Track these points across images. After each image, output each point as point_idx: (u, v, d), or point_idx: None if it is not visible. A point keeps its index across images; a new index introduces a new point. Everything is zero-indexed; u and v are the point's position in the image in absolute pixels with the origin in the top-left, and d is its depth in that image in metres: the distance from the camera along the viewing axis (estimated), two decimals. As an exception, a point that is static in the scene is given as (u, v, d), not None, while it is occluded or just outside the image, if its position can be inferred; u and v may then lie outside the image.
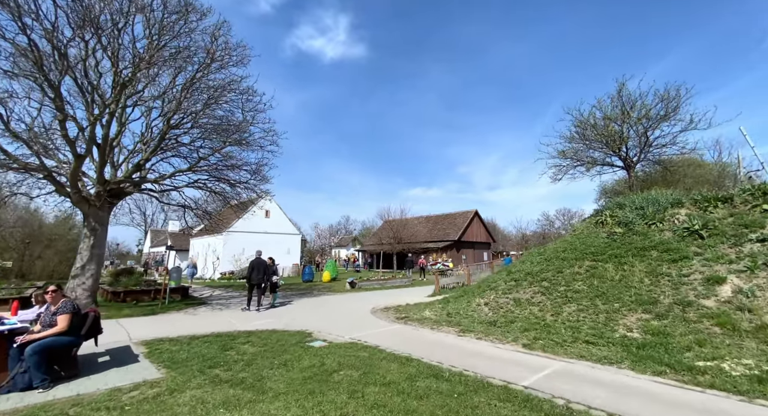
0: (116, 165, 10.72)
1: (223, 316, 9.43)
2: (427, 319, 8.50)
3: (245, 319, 8.91)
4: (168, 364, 5.17)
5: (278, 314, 9.70)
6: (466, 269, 13.93)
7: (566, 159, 12.45)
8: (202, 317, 9.38)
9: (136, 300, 12.16)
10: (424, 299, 12.28)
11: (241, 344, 6.34)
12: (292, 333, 7.11)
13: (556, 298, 7.84)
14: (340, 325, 8.09)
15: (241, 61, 11.43)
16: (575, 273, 8.39)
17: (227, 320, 8.84)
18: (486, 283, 10.30)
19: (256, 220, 27.83)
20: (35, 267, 23.55)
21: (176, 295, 13.27)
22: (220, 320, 8.86)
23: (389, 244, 31.32)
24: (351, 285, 16.51)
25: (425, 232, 34.37)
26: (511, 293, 8.76)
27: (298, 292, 15.81)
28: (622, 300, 6.89)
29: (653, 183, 11.77)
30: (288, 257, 29.22)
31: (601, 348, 5.64)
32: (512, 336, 6.60)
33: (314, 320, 8.77)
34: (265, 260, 10.38)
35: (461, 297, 10.22)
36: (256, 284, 9.95)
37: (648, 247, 7.95)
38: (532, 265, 9.74)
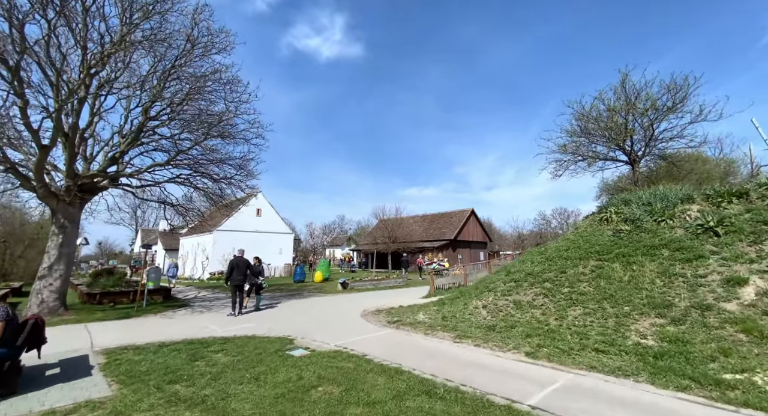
0: (89, 158, 10.00)
1: (202, 320, 8.76)
2: (420, 323, 7.89)
3: (225, 324, 8.25)
4: (123, 379, 4.51)
5: (261, 317, 9.04)
6: (463, 269, 13.37)
7: (567, 154, 11.93)
8: (180, 321, 8.70)
9: (114, 303, 11.44)
10: (418, 300, 11.68)
11: (213, 352, 5.69)
12: (272, 340, 6.47)
13: (560, 300, 7.27)
14: (326, 330, 7.47)
15: (224, 48, 10.75)
16: (580, 274, 7.83)
17: (205, 324, 8.17)
18: (484, 284, 9.72)
19: (246, 218, 27.12)
20: (17, 267, 22.66)
21: (157, 297, 12.57)
22: (197, 324, 8.19)
23: (384, 243, 30.71)
24: (343, 286, 15.87)
25: (421, 231, 33.80)
26: (511, 295, 8.18)
27: (287, 293, 15.15)
28: (633, 303, 6.33)
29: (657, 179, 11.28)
30: (280, 257, 28.50)
31: (613, 358, 5.07)
32: (513, 343, 6.02)
33: (299, 324, 8.13)
34: (246, 259, 9.71)
35: (457, 299, 9.64)
36: (237, 286, 9.29)
37: (658, 245, 7.41)
38: (533, 265, 9.17)
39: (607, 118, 10.27)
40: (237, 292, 9.31)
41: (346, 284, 16.00)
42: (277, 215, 29.24)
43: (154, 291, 12.46)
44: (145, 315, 9.53)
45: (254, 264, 10.81)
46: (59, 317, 8.57)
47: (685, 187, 8.80)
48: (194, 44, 9.97)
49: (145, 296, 10.63)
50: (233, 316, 9.12)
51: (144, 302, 10.57)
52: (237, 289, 9.30)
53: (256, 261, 10.79)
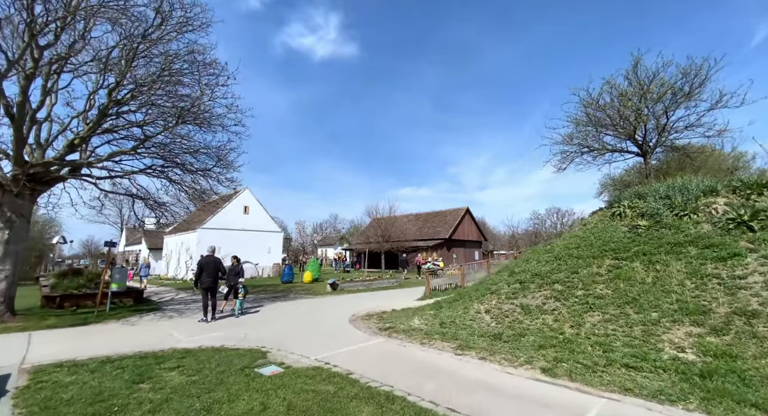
0: (44, 144, 8.86)
1: (169, 327, 7.72)
2: (416, 330, 6.97)
3: (193, 331, 7.22)
4: (35, 411, 3.51)
5: (237, 324, 8.03)
6: (460, 269, 12.51)
7: (573, 145, 11.14)
8: (142, 328, 7.65)
9: (76, 306, 10.30)
10: (412, 303, 10.77)
11: (166, 370, 4.69)
12: (242, 353, 5.48)
13: (574, 305, 6.41)
14: (308, 339, 6.50)
15: (201, 26, 9.69)
16: (594, 274, 6.98)
17: (170, 332, 7.14)
18: (485, 285, 8.84)
19: (233, 216, 25.95)
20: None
21: (127, 300, 11.45)
22: (161, 332, 7.15)
23: (377, 242, 29.75)
24: (332, 287, 14.89)
25: (415, 230, 32.92)
26: (517, 298, 7.31)
27: (272, 295, 14.11)
28: (661, 309, 5.49)
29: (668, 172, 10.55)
30: (269, 257, 27.36)
31: (649, 376, 4.20)
32: (525, 356, 5.13)
33: (278, 332, 7.15)
34: (217, 258, 8.69)
35: (456, 302, 8.75)
36: (208, 289, 8.26)
37: (683, 242, 6.60)
38: (540, 264, 8.32)
39: (619, 103, 9.46)
40: (208, 295, 8.29)
41: (335, 285, 15.02)
42: (265, 212, 28.08)
43: (121, 294, 11.33)
44: (106, 320, 8.45)
45: (232, 264, 9.79)
46: (2, 323, 7.46)
47: (706, 178, 8.02)
48: (164, 18, 8.91)
49: (109, 299, 9.53)
50: (205, 322, 8.10)
51: (107, 306, 9.47)
52: (207, 292, 8.27)
53: (234, 261, 9.77)
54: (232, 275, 9.53)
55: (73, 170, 9.41)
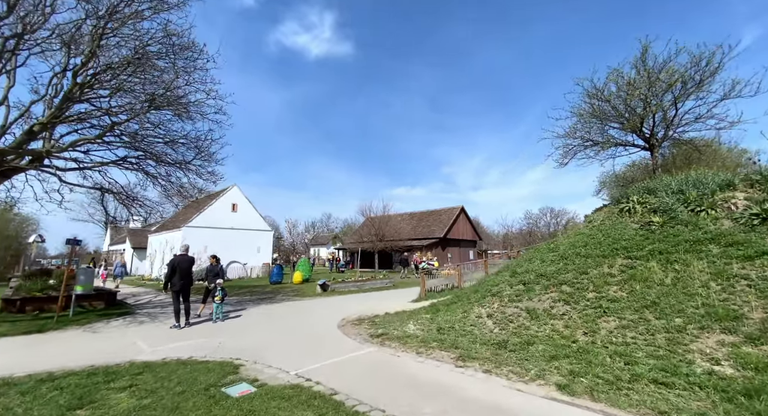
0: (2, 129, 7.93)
1: (135, 334, 6.92)
2: (411, 337, 6.30)
3: (161, 340, 6.44)
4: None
5: (213, 330, 7.26)
6: (457, 269, 11.89)
7: (575, 138, 10.59)
8: (104, 335, 6.84)
9: (39, 310, 9.41)
10: (407, 305, 10.11)
11: (115, 391, 3.94)
12: (211, 366, 4.74)
13: (586, 309, 5.81)
14: (290, 349, 5.79)
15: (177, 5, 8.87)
16: (606, 275, 6.40)
17: (135, 341, 6.35)
18: (485, 287, 8.21)
19: (220, 214, 25.01)
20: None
21: (98, 303, 10.56)
22: (124, 341, 6.35)
23: (370, 242, 29.04)
24: (322, 288, 14.15)
25: (409, 229, 32.31)
26: (522, 301, 6.69)
27: (258, 297, 13.32)
28: (686, 314, 4.91)
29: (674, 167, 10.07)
30: (258, 256, 26.46)
31: (683, 395, 3.59)
32: (536, 368, 4.49)
33: (258, 340, 6.41)
34: (191, 257, 7.92)
35: (454, 305, 8.11)
36: (179, 292, 7.48)
37: (703, 240, 6.04)
38: (544, 264, 7.72)
39: (626, 93, 8.90)
40: (180, 299, 7.51)
41: (326, 286, 14.28)
42: (255, 210, 27.16)
43: (92, 297, 10.45)
44: (67, 327, 7.60)
45: (211, 264, 9.01)
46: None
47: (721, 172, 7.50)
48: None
49: (73, 302, 8.66)
50: (177, 329, 7.32)
51: (71, 311, 8.60)
52: (179, 295, 7.49)
53: (213, 260, 8.98)
54: (211, 276, 8.76)
55: (34, 161, 8.52)
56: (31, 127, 8.01)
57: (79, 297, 10.18)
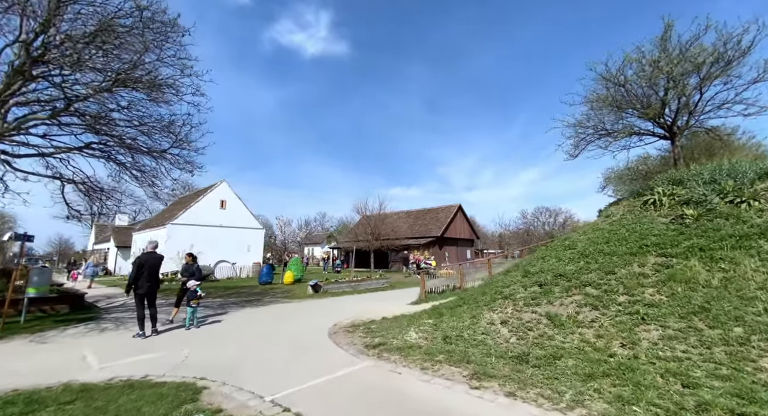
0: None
1: (87, 346, 5.90)
2: (413, 347, 5.39)
3: (115, 353, 5.44)
4: None
5: (183, 340, 6.28)
6: (459, 269, 11.02)
7: (588, 128, 9.78)
8: (51, 347, 5.81)
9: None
10: (406, 308, 9.21)
11: (29, 430, 2.96)
12: (164, 391, 3.77)
13: (619, 315, 4.96)
14: (270, 364, 4.84)
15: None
16: (638, 275, 5.56)
17: (83, 355, 5.34)
18: (494, 288, 7.34)
19: (208, 211, 23.89)
20: None
21: (61, 306, 9.48)
22: (70, 355, 5.34)
23: (366, 241, 28.08)
24: (314, 289, 13.19)
25: (405, 228, 31.43)
26: (540, 305, 5.82)
27: (244, 299, 12.31)
28: (745, 322, 4.08)
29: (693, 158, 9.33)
30: (248, 256, 25.38)
31: (778, 433, 2.73)
32: (571, 391, 3.62)
33: (233, 352, 5.45)
34: (160, 255, 6.93)
35: (459, 308, 7.22)
36: (146, 296, 6.49)
37: (751, 234, 5.24)
38: (561, 263, 6.88)
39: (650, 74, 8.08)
40: (145, 303, 6.52)
41: (318, 286, 13.32)
42: (245, 207, 26.07)
43: (54, 300, 9.37)
44: (14, 335, 6.55)
45: (186, 263, 8.01)
46: None
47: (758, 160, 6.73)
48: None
49: (25, 307, 7.60)
50: (141, 338, 6.33)
51: (23, 316, 7.54)
52: (144, 299, 6.50)
53: (189, 259, 7.98)
54: (186, 276, 7.76)
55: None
56: (-25, 104, 6.95)
57: (38, 301, 9.10)
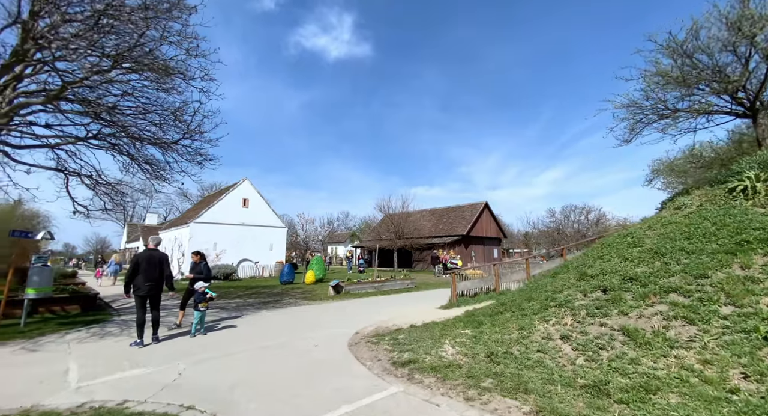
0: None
1: (77, 356, 5.31)
2: (452, 367, 4.37)
3: (102, 366, 4.80)
4: None
5: (183, 351, 5.56)
6: (495, 269, 9.81)
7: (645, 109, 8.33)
8: (36, 358, 5.22)
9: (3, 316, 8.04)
10: (436, 313, 8.19)
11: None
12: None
13: (728, 333, 3.74)
14: (277, 386, 4.00)
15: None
16: (743, 279, 4.28)
17: (67, 367, 4.72)
18: (543, 294, 6.17)
19: (230, 210, 23.78)
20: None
21: (72, 307, 9.19)
22: (53, 368, 4.72)
23: (389, 240, 27.22)
24: (335, 290, 12.40)
25: (429, 226, 30.25)
26: (609, 316, 4.64)
27: (262, 300, 11.71)
28: None
29: None
30: (271, 254, 25.11)
31: None
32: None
33: (235, 369, 4.65)
34: (163, 254, 6.27)
35: (500, 316, 6.14)
36: (147, 297, 5.85)
37: None
38: (629, 263, 5.63)
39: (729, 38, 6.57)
40: (146, 306, 5.87)
41: (339, 287, 12.53)
42: (267, 206, 25.82)
43: (65, 300, 9.11)
44: (7, 341, 6.10)
45: (194, 262, 7.39)
46: None
47: None
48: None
49: (25, 309, 7.23)
50: (139, 347, 5.67)
51: (23, 319, 7.17)
52: (145, 302, 5.85)
53: (196, 258, 7.35)
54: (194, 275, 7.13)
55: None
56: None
57: (47, 301, 8.82)
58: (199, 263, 7.24)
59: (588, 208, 37.79)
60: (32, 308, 8.57)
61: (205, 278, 7.07)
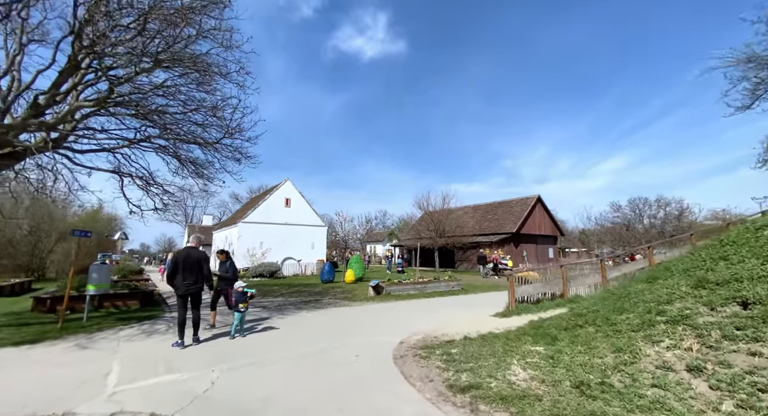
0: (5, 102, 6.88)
1: (121, 356, 5.14)
2: (526, 399, 3.40)
3: (141, 369, 4.52)
4: None
5: (220, 355, 5.18)
6: (563, 271, 8.43)
7: (767, 67, 6.51)
8: (84, 356, 5.13)
9: (71, 310, 8.50)
10: (492, 321, 7.14)
11: None
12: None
13: None
14: (311, 406, 3.34)
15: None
16: None
17: (108, 369, 4.50)
18: (641, 304, 4.89)
19: (274, 209, 24.35)
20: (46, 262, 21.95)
21: (132, 302, 9.54)
22: (94, 369, 4.53)
23: (429, 238, 26.12)
24: (375, 290, 11.77)
25: (473, 223, 28.59)
26: (764, 342, 3.34)
27: (303, 299, 11.42)
28: None
29: None
30: (312, 253, 25.34)
31: None
32: None
33: (268, 382, 4.10)
34: (203, 252, 5.98)
35: (580, 330, 4.98)
36: (187, 297, 5.59)
37: None
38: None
39: None
40: (187, 306, 5.62)
41: (379, 288, 11.88)
42: (308, 205, 26.11)
43: (126, 296, 9.47)
44: (68, 336, 6.21)
45: (220, 261, 7.16)
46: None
47: None
48: None
49: (87, 305, 7.46)
50: (179, 348, 5.43)
51: (85, 314, 7.40)
52: (185, 302, 5.59)
53: (222, 257, 7.05)
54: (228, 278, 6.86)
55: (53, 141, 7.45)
56: (35, 99, 6.89)
57: (111, 297, 9.26)
58: (225, 262, 6.93)
59: (665, 200, 33.08)
60: (98, 302, 9.04)
61: (230, 279, 6.75)
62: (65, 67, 7.05)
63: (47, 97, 7.04)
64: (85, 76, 7.54)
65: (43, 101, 7.03)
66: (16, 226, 19.46)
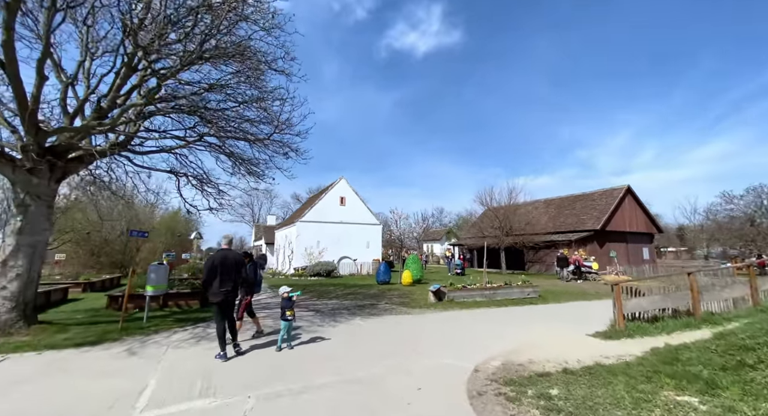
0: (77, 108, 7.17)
1: (163, 366, 4.75)
2: None
3: (179, 385, 4.01)
4: None
5: (263, 372, 4.49)
6: (691, 280, 6.24)
7: None
8: (128, 364, 4.83)
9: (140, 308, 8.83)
10: (591, 343, 5.46)
11: None
12: None
13: None
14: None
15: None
16: None
17: (146, 383, 4.05)
18: None
19: (329, 208, 24.38)
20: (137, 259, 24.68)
21: (194, 302, 9.69)
22: (133, 381, 4.13)
23: (494, 236, 23.83)
24: (436, 296, 10.50)
25: (546, 220, 25.48)
26: None
27: (358, 303, 10.66)
28: None
29: None
30: (367, 252, 24.86)
31: None
32: None
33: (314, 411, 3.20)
34: (238, 254, 5.36)
35: (750, 370, 3.21)
36: (223, 304, 5.02)
37: None
38: None
39: None
40: (224, 314, 5.06)
41: (440, 293, 10.59)
42: (363, 204, 25.71)
43: (188, 295, 9.64)
44: (126, 338, 6.16)
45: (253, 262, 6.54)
46: (6, 336, 5.83)
47: None
48: None
49: (147, 305, 7.51)
50: (222, 360, 4.88)
51: (145, 315, 7.46)
52: (222, 308, 5.03)
53: (247, 260, 6.38)
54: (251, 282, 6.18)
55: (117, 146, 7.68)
56: (98, 103, 7.08)
57: (175, 296, 9.49)
58: (249, 263, 6.25)
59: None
60: (163, 301, 9.33)
61: (249, 285, 6.05)
62: (121, 69, 7.13)
63: (108, 100, 7.20)
64: (143, 78, 7.61)
65: (105, 105, 7.21)
66: (111, 227, 22.10)
